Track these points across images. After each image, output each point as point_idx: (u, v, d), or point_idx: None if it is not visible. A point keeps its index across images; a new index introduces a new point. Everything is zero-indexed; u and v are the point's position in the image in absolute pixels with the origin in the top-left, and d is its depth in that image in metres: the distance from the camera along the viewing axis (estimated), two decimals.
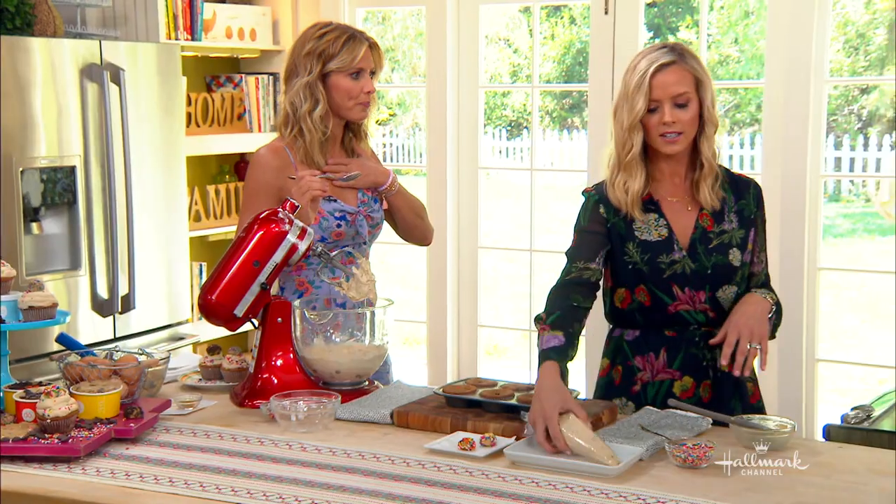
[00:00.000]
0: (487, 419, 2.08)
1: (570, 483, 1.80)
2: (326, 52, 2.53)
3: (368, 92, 2.57)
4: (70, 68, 3.39)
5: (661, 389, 2.26)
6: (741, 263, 2.26)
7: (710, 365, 2.26)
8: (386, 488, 1.79)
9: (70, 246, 3.46)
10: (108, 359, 2.27)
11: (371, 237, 2.66)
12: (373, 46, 2.60)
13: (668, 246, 2.24)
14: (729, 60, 11.51)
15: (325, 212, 2.54)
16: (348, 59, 2.53)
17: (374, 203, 2.66)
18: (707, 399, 2.25)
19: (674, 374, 2.26)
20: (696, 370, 2.26)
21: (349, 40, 2.54)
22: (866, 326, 7.17)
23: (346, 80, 2.55)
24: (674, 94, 2.18)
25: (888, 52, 10.63)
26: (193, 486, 1.81)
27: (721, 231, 2.26)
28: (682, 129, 2.20)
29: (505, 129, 12.46)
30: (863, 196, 11.07)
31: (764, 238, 2.33)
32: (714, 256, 2.24)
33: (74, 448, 1.90)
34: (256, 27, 4.37)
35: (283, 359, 2.31)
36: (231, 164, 4.56)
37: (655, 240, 2.25)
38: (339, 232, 2.56)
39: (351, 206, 2.59)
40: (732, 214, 2.28)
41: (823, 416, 3.74)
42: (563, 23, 12.03)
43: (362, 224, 2.59)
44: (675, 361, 2.26)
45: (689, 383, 2.26)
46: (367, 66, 2.57)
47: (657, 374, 2.27)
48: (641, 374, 2.28)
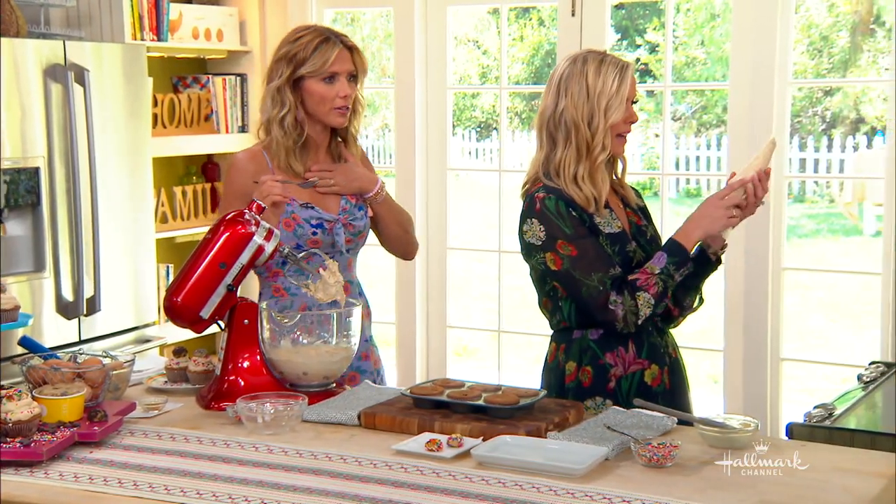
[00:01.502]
0: (455, 420, 2.09)
1: (536, 483, 1.81)
2: (298, 55, 2.50)
3: (344, 96, 2.52)
4: (33, 69, 3.36)
5: (633, 381, 2.32)
6: None
7: (666, 352, 2.37)
8: (353, 490, 1.79)
9: (34, 247, 3.42)
10: (72, 361, 2.25)
11: (353, 246, 2.61)
12: (351, 49, 2.55)
13: (625, 237, 2.35)
14: (695, 62, 11.63)
15: (300, 219, 2.52)
16: (319, 62, 2.50)
17: (358, 210, 2.61)
18: (670, 385, 2.36)
19: (643, 364, 2.33)
20: (658, 357, 2.35)
21: (322, 43, 2.51)
22: (831, 326, 7.26)
23: (320, 85, 2.51)
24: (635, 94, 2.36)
25: (851, 55, 10.79)
26: (158, 489, 1.80)
27: (647, 223, 2.45)
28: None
29: (474, 130, 12.49)
30: (827, 197, 11.22)
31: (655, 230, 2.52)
32: (653, 247, 2.38)
33: (37, 452, 1.89)
34: (223, 28, 4.34)
35: (249, 361, 2.30)
36: (198, 165, 4.54)
37: (616, 231, 2.35)
38: (315, 240, 2.53)
39: (330, 213, 2.56)
40: (638, 209, 2.46)
41: (788, 415, 3.78)
42: (532, 24, 12.08)
43: (339, 233, 2.56)
44: (642, 351, 2.33)
45: (657, 371, 2.34)
46: (343, 69, 2.52)
47: (629, 367, 2.32)
48: (614, 369, 2.32)
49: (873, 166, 8.92)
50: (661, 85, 4.54)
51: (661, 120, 4.38)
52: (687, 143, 11.76)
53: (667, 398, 2.31)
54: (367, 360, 2.64)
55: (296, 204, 2.53)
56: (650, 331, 2.36)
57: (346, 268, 2.60)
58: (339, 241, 2.55)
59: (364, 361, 2.62)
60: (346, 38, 2.58)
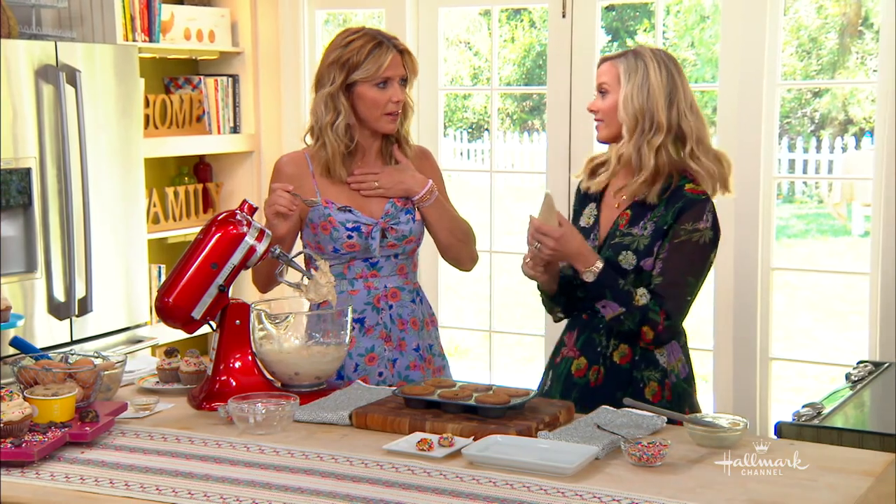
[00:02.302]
0: (446, 420, 2.10)
1: (526, 482, 1.82)
2: (351, 60, 2.46)
3: (397, 101, 2.49)
4: (25, 69, 3.36)
5: (567, 365, 2.45)
6: (632, 268, 2.34)
7: (603, 352, 2.40)
8: (344, 489, 1.79)
9: (25, 248, 3.42)
10: (64, 362, 2.25)
11: (400, 250, 2.55)
12: (403, 53, 2.49)
13: (588, 233, 2.45)
14: (685, 64, 11.63)
15: (336, 222, 2.51)
16: (373, 68, 2.45)
17: (405, 214, 2.55)
18: (594, 384, 2.40)
19: (575, 353, 2.44)
20: (591, 353, 2.42)
21: (375, 48, 2.45)
22: (819, 326, 7.29)
23: (373, 90, 2.47)
24: (598, 83, 2.42)
25: (839, 57, 10.84)
26: (150, 489, 1.81)
27: (627, 233, 2.37)
28: (602, 118, 2.40)
29: (466, 131, 12.50)
30: (816, 197, 11.26)
31: (669, 250, 2.32)
32: (607, 252, 2.38)
33: (28, 452, 1.89)
34: (215, 29, 4.34)
35: (241, 361, 2.31)
36: (190, 165, 4.54)
37: (584, 226, 2.47)
38: (351, 244, 2.51)
39: (369, 217, 2.52)
40: (650, 223, 2.36)
41: (777, 414, 3.80)
42: (523, 26, 12.10)
43: (375, 237, 2.51)
44: (578, 341, 2.44)
45: (583, 364, 2.42)
46: (396, 74, 2.48)
47: (569, 352, 2.46)
48: (564, 348, 2.48)
49: (862, 167, 8.97)
50: None
51: None
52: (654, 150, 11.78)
53: (584, 392, 2.38)
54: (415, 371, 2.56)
55: (333, 207, 2.51)
56: (599, 328, 2.40)
57: (397, 272, 2.55)
58: (372, 246, 2.51)
59: (413, 371, 2.57)
60: (398, 42, 2.52)
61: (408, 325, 2.57)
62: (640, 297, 2.30)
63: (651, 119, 2.33)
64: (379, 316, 2.54)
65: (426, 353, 2.60)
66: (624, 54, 2.39)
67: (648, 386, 2.38)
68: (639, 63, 2.34)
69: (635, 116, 2.33)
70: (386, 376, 2.54)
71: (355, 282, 2.53)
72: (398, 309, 2.55)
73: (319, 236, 2.52)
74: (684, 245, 2.31)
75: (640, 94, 2.33)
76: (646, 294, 2.31)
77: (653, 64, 2.34)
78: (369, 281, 2.53)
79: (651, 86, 2.33)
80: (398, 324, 2.55)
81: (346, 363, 2.51)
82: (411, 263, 2.61)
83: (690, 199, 2.33)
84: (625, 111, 2.34)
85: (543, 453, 1.92)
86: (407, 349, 2.56)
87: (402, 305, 2.56)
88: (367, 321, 2.53)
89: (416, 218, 2.58)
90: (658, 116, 2.32)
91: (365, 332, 2.53)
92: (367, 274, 2.53)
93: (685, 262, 2.32)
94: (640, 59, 2.35)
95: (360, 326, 2.53)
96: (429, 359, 2.60)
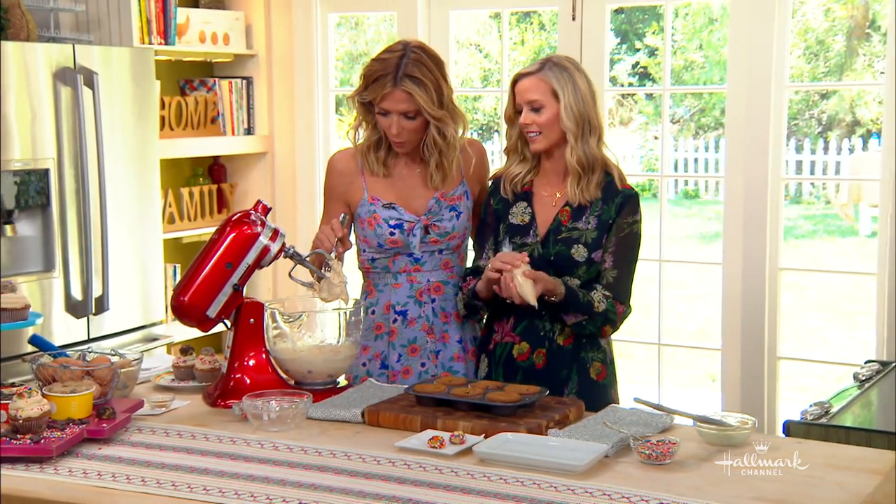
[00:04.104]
0: (457, 417, 2.12)
1: (537, 479, 1.83)
2: (365, 79, 2.51)
3: (394, 133, 2.49)
4: (43, 72, 3.39)
5: (505, 350, 2.53)
6: (585, 259, 2.48)
7: (547, 336, 2.50)
8: (357, 486, 1.81)
9: (44, 248, 3.45)
10: (81, 360, 2.27)
11: (443, 247, 2.57)
12: (409, 90, 2.44)
13: (525, 231, 2.53)
14: (694, 66, 11.65)
15: (380, 218, 2.54)
16: (373, 95, 2.49)
17: (448, 211, 2.58)
18: (540, 366, 2.50)
19: (514, 338, 2.52)
20: (534, 338, 2.51)
21: (381, 78, 2.46)
22: (827, 325, 7.28)
23: (378, 115, 2.51)
24: (527, 100, 2.48)
25: (846, 59, 10.81)
26: (166, 485, 1.83)
27: (573, 227, 2.51)
28: (539, 130, 2.49)
29: (476, 132, 12.50)
30: (823, 198, 11.23)
31: (616, 243, 2.49)
32: (559, 247, 2.49)
33: (47, 448, 1.91)
34: (230, 32, 4.38)
35: (255, 359, 2.33)
36: (205, 166, 4.57)
37: (518, 223, 2.54)
38: (393, 240, 2.54)
39: (412, 214, 2.56)
40: (593, 217, 2.50)
41: (785, 413, 3.80)
42: (533, 28, 12.09)
43: (416, 234, 2.54)
44: (518, 327, 2.52)
45: (525, 348, 2.52)
46: (393, 108, 2.46)
47: (504, 337, 2.54)
48: (495, 335, 2.56)
49: (869, 168, 8.94)
50: (660, 88, 4.57)
51: (661, 122, 4.42)
52: (685, 146, 11.78)
53: (528, 374, 2.48)
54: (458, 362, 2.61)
55: (378, 204, 2.56)
56: (542, 314, 2.48)
57: (441, 267, 2.59)
58: (412, 243, 2.55)
59: (456, 363, 2.60)
60: (411, 79, 2.45)
61: (451, 317, 2.60)
62: (599, 304, 2.46)
63: (588, 122, 2.48)
64: (421, 309, 2.57)
65: (469, 345, 2.63)
66: (542, 68, 2.48)
67: (592, 366, 2.53)
68: (563, 73, 2.47)
69: (577, 123, 2.47)
70: (429, 367, 2.58)
71: (399, 276, 2.57)
72: (441, 302, 2.59)
73: (366, 231, 2.57)
74: (628, 238, 2.51)
75: (576, 101, 2.47)
76: (602, 299, 2.46)
77: (574, 71, 2.49)
78: (412, 275, 2.57)
79: (582, 91, 2.48)
80: (441, 317, 2.59)
81: (390, 353, 2.57)
82: (457, 258, 2.64)
83: (627, 194, 2.52)
84: (568, 120, 2.46)
85: (554, 451, 1.94)
86: (450, 341, 2.60)
87: (446, 299, 2.59)
88: (410, 314, 2.57)
89: (461, 215, 2.60)
90: (592, 118, 2.49)
91: (407, 324, 2.57)
92: (411, 269, 2.57)
93: (630, 253, 2.53)
94: (563, 69, 2.48)
95: (403, 318, 2.57)
96: (472, 350, 2.63)
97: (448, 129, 2.53)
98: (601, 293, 2.46)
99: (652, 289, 4.26)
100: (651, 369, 4.76)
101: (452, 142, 2.55)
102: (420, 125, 2.51)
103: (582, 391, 2.48)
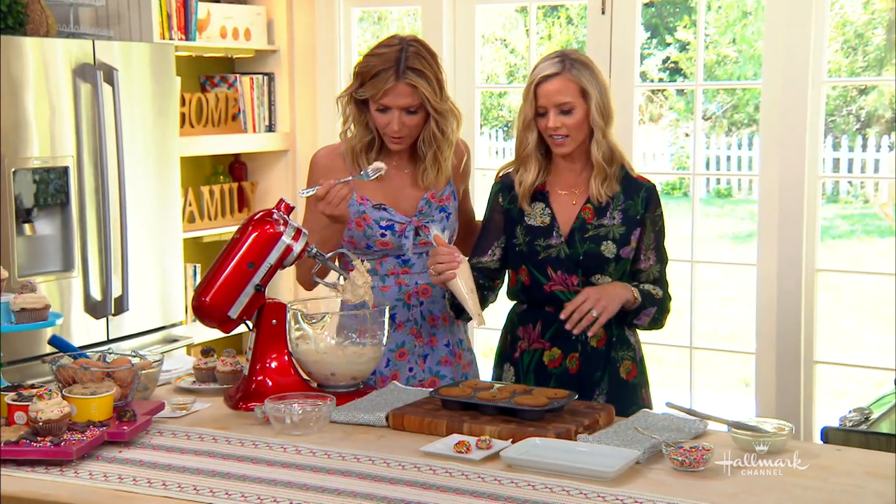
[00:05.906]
0: (483, 422, 2.08)
1: (566, 486, 1.80)
2: (361, 75, 2.46)
3: (394, 129, 2.45)
4: (63, 68, 3.38)
5: (534, 357, 2.49)
6: (614, 256, 2.45)
7: (579, 339, 2.45)
8: (381, 491, 1.78)
9: (63, 247, 3.44)
10: (101, 361, 2.26)
11: (429, 249, 2.51)
12: (414, 83, 2.40)
13: (548, 232, 2.47)
14: (727, 61, 11.52)
15: (370, 219, 2.50)
16: (373, 91, 2.43)
17: (438, 212, 2.55)
18: (574, 371, 2.46)
19: (544, 345, 2.48)
20: (565, 342, 2.46)
21: (382, 72, 2.41)
22: (865, 328, 7.18)
23: (376, 112, 2.46)
24: (557, 103, 2.41)
25: (886, 53, 10.65)
26: (187, 489, 1.81)
27: (599, 224, 2.47)
28: (567, 133, 2.43)
29: (501, 129, 12.45)
30: (861, 197, 11.08)
31: (655, 238, 2.51)
32: (587, 245, 2.45)
33: (67, 451, 1.90)
34: (251, 27, 4.35)
35: (277, 361, 2.30)
36: (225, 164, 4.55)
37: (538, 225, 2.48)
38: (384, 241, 2.51)
39: (403, 215, 2.52)
40: (617, 212, 2.47)
41: (822, 419, 3.73)
42: (560, 23, 12.03)
43: (408, 236, 2.51)
44: (547, 333, 2.48)
45: (557, 354, 2.47)
46: (395, 104, 2.42)
47: (532, 344, 2.49)
48: (521, 342, 2.51)
49: None
50: (691, 84, 4.50)
51: (692, 119, 4.35)
52: (717, 143, 11.67)
53: (562, 381, 2.43)
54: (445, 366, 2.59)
55: (368, 204, 2.51)
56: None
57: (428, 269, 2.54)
58: (405, 245, 2.52)
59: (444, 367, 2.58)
60: (414, 71, 2.41)
61: (438, 321, 2.57)
62: (655, 291, 2.48)
63: (609, 114, 2.46)
64: (409, 312, 2.54)
65: (456, 349, 2.60)
66: (564, 67, 2.42)
67: (623, 365, 2.50)
68: (585, 69, 2.43)
69: (604, 117, 2.45)
70: (416, 372, 2.55)
71: (387, 278, 2.54)
72: (429, 305, 2.56)
73: (353, 232, 2.51)
74: (662, 231, 2.54)
75: (601, 95, 2.44)
76: (654, 287, 2.48)
77: (590, 63, 2.46)
78: (401, 278, 2.54)
79: (602, 83, 2.46)
80: (429, 320, 2.56)
81: None
82: None
83: (647, 186, 2.52)
84: (598, 117, 2.43)
85: (583, 457, 1.90)
86: (437, 345, 2.57)
87: (433, 302, 2.56)
88: (398, 317, 2.53)
89: (451, 216, 2.57)
90: (610, 109, 2.47)
91: (396, 328, 2.53)
92: (399, 271, 2.53)
93: (664, 244, 2.55)
94: (583, 64, 2.44)
95: (392, 322, 2.52)
96: (458, 353, 2.61)
97: (448, 124, 2.50)
98: (648, 284, 2.49)
99: (684, 290, 4.20)
100: (683, 373, 4.70)
101: (450, 137, 2.52)
102: (420, 120, 2.48)
103: (612, 393, 2.45)
